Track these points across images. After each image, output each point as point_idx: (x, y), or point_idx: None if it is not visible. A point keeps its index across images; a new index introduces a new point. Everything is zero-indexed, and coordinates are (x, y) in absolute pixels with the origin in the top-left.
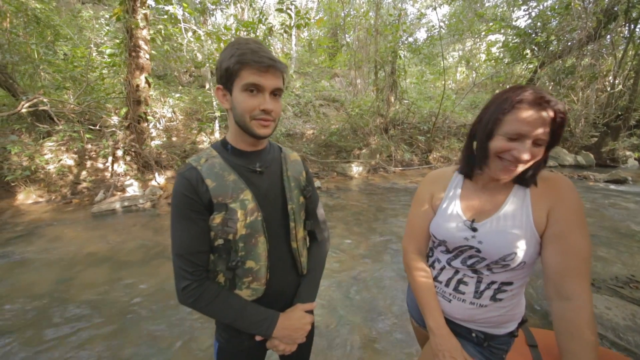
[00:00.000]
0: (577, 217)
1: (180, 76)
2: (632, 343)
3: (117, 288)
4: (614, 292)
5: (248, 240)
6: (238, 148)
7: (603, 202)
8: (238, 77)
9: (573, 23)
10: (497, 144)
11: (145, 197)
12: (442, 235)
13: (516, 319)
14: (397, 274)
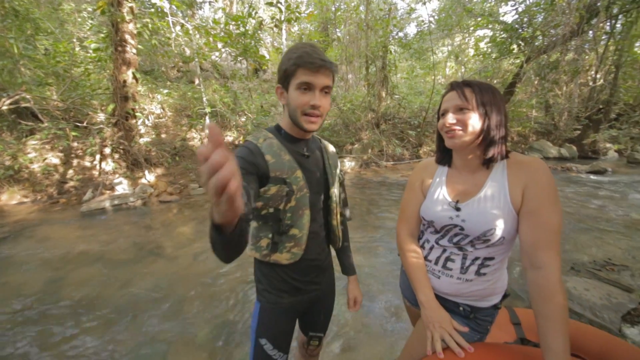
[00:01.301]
0: (548, 195)
1: (168, 71)
2: (607, 320)
3: (110, 287)
4: (592, 275)
5: (296, 212)
6: (291, 134)
7: (584, 191)
8: (294, 76)
9: (557, 19)
10: (439, 123)
11: (135, 195)
12: (430, 217)
13: (499, 292)
14: (390, 265)
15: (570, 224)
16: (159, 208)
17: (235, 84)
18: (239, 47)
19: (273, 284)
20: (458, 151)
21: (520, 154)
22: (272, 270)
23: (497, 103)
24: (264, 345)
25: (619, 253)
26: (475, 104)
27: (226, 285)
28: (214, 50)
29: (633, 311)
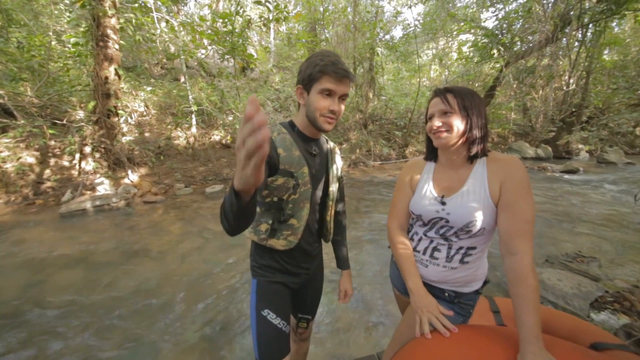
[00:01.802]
0: (523, 190)
1: (152, 68)
2: (577, 307)
3: (94, 289)
4: (564, 266)
5: (297, 204)
6: (303, 132)
7: (558, 189)
8: (318, 82)
9: (534, 26)
10: (427, 126)
11: (118, 196)
12: (418, 211)
13: (480, 278)
14: (378, 261)
15: (545, 220)
16: (143, 209)
17: (222, 82)
18: (226, 45)
19: (267, 263)
20: (444, 150)
21: (498, 152)
22: (267, 252)
23: (477, 106)
24: (267, 316)
25: (588, 246)
26: (457, 108)
27: (215, 285)
28: (200, 48)
29: (600, 299)
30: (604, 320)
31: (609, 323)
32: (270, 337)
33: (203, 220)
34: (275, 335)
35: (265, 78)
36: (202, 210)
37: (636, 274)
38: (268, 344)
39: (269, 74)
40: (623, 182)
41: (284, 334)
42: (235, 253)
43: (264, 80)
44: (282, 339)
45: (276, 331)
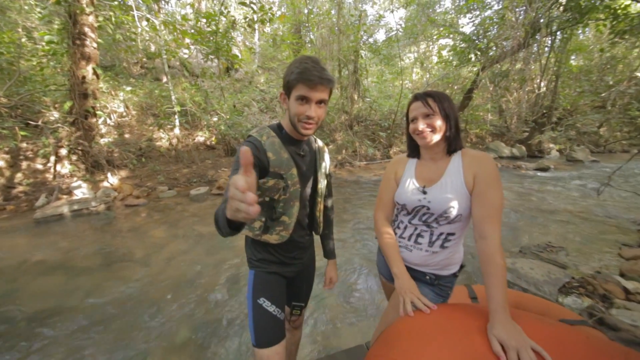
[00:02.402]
0: (493, 180)
1: (131, 67)
2: (547, 292)
3: (74, 296)
4: (536, 256)
5: (287, 202)
6: (290, 135)
7: (531, 186)
8: (294, 89)
9: (507, 32)
10: (410, 128)
11: (98, 200)
12: (403, 200)
13: (457, 262)
14: (364, 257)
15: (519, 214)
16: (124, 212)
17: (205, 82)
18: (210, 45)
19: (262, 256)
20: (426, 147)
21: (472, 149)
22: (262, 247)
23: (452, 107)
24: (262, 304)
25: (557, 237)
26: (438, 110)
27: (203, 287)
28: (182, 47)
29: (567, 284)
30: (570, 303)
31: (575, 306)
32: (265, 324)
33: (188, 222)
34: (271, 322)
35: (250, 79)
36: (187, 212)
37: (599, 261)
38: (264, 330)
39: (253, 75)
40: (588, 178)
41: (278, 320)
42: (223, 255)
43: (248, 81)
44: (277, 325)
45: (271, 318)
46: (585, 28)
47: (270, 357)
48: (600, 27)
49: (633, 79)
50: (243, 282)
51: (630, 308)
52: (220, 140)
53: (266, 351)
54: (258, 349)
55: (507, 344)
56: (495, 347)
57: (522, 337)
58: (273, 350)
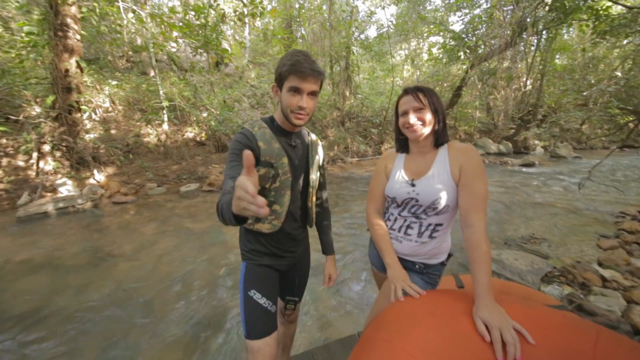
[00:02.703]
0: (477, 172)
1: (116, 61)
2: (530, 281)
3: (62, 295)
4: (520, 247)
5: (279, 191)
6: (282, 127)
7: (517, 181)
8: (286, 80)
9: (495, 31)
10: (400, 121)
11: (84, 197)
12: (393, 194)
13: (444, 251)
14: (357, 251)
15: (505, 207)
16: (112, 210)
17: (194, 77)
18: (199, 39)
19: (255, 247)
20: (415, 141)
21: (458, 142)
22: (255, 237)
23: (439, 102)
24: (253, 296)
25: (540, 229)
26: (428, 104)
27: (195, 283)
28: (170, 41)
29: (549, 274)
30: (552, 292)
31: (556, 293)
32: (256, 316)
33: (179, 219)
34: (261, 314)
35: (241, 74)
36: (177, 209)
37: (579, 251)
38: (254, 322)
39: (244, 70)
40: (571, 173)
41: (269, 312)
42: (215, 251)
43: (239, 76)
44: (268, 317)
45: (262, 310)
46: (570, 28)
47: (261, 348)
48: (583, 27)
49: (613, 78)
50: (236, 278)
51: (607, 294)
52: (210, 136)
53: (257, 342)
54: (249, 341)
55: (491, 324)
56: (480, 328)
57: (504, 317)
58: (264, 342)
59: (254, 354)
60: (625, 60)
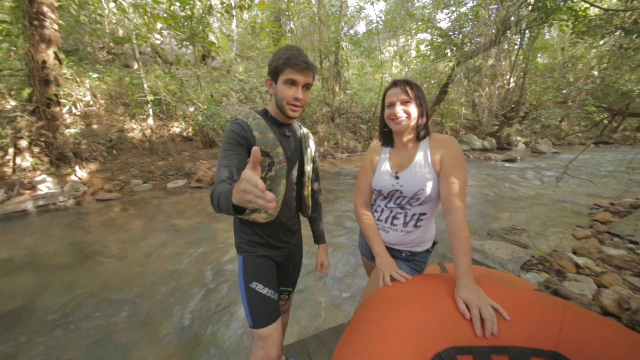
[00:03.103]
0: (457, 161)
1: (96, 52)
2: (511, 269)
3: (46, 294)
4: (501, 238)
5: (274, 180)
6: (276, 118)
7: (500, 175)
8: (282, 73)
9: (480, 29)
10: (385, 113)
11: (66, 194)
12: (378, 186)
13: (429, 239)
14: (347, 244)
15: (488, 201)
16: (96, 207)
17: (180, 70)
18: (185, 31)
19: (251, 238)
20: (399, 133)
21: (438, 134)
22: (250, 227)
23: (424, 97)
24: (255, 288)
25: (520, 220)
26: (414, 98)
27: (185, 278)
28: (154, 32)
29: (528, 262)
30: (530, 278)
31: (534, 280)
32: (261, 305)
33: (167, 216)
34: (265, 303)
35: (228, 68)
36: (164, 206)
37: (556, 241)
38: (260, 312)
39: (231, 64)
40: (550, 168)
41: (272, 301)
42: (205, 247)
43: (226, 70)
44: (272, 306)
45: (265, 299)
46: (551, 27)
47: (269, 334)
48: (563, 27)
49: (590, 77)
50: (227, 272)
51: (580, 280)
52: (197, 132)
53: (265, 330)
54: (257, 330)
55: (471, 303)
56: (460, 306)
57: (483, 297)
58: (272, 328)
59: (264, 340)
60: (601, 59)
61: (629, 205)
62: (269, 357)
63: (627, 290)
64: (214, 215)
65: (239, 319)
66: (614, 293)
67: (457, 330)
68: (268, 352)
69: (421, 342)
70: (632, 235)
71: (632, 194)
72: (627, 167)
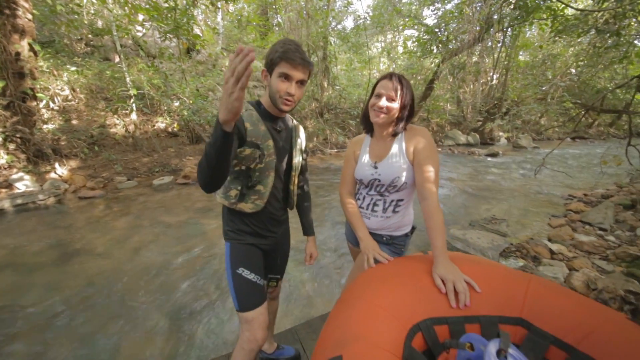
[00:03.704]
0: (429, 151)
1: (74, 44)
2: (490, 256)
3: (29, 293)
4: (482, 228)
5: (263, 172)
6: (268, 111)
7: (482, 169)
8: (277, 66)
9: (465, 26)
10: (371, 100)
11: (46, 193)
12: (360, 176)
13: (407, 224)
14: (334, 238)
15: (471, 194)
16: (79, 205)
17: (164, 64)
18: (168, 23)
19: (238, 227)
20: (377, 125)
21: (414, 125)
22: (237, 216)
23: (412, 96)
24: (242, 273)
25: (501, 211)
26: (400, 98)
27: (175, 274)
28: (135, 24)
29: (506, 249)
30: (508, 264)
31: (512, 266)
32: (246, 290)
33: (154, 213)
34: (251, 288)
35: (214, 61)
36: (150, 203)
37: (533, 230)
38: (246, 296)
39: (217, 57)
40: (529, 162)
41: (258, 286)
42: (194, 242)
43: (212, 63)
44: (258, 290)
45: (251, 284)
46: (532, 26)
47: (255, 317)
48: (543, 26)
49: (567, 75)
50: (217, 266)
51: (553, 264)
52: (183, 127)
53: (251, 313)
54: (243, 313)
55: (446, 278)
56: (437, 281)
57: (457, 272)
58: (257, 312)
59: (250, 323)
60: (578, 58)
61: (600, 196)
62: (255, 339)
63: (595, 272)
64: (203, 211)
65: (230, 308)
66: (583, 275)
67: (434, 303)
68: (254, 333)
69: (402, 314)
70: (601, 223)
71: (604, 185)
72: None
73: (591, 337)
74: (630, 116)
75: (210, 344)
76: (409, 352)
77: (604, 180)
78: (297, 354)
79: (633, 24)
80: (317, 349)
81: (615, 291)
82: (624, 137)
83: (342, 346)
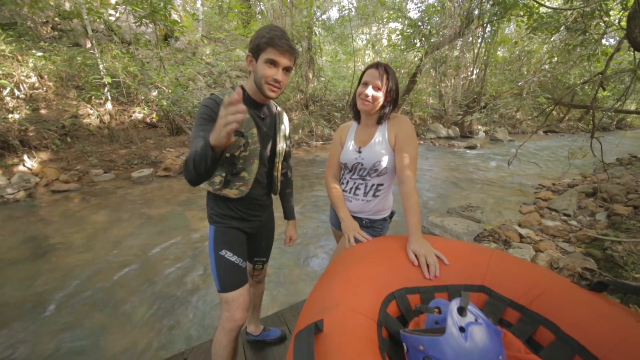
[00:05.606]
0: (409, 138)
1: (39, 28)
2: (465, 240)
3: (5, 289)
4: (459, 215)
5: (247, 159)
6: (253, 98)
7: (461, 161)
8: (264, 52)
9: (446, 21)
10: (359, 89)
11: (14, 187)
12: (345, 160)
13: (387, 208)
14: (320, 227)
15: (450, 183)
16: (52, 199)
17: (140, 51)
18: (144, 7)
19: (223, 211)
20: (363, 112)
21: (396, 113)
22: (222, 201)
23: (397, 87)
24: (224, 255)
25: (476, 200)
26: (385, 88)
27: (160, 264)
28: (108, 7)
29: (480, 234)
30: None
31: None
32: (228, 271)
33: (134, 206)
34: (233, 269)
35: (194, 49)
36: (130, 196)
37: (504, 217)
38: (227, 276)
39: (197, 45)
40: (505, 154)
41: (240, 268)
42: (178, 233)
43: (192, 52)
44: (239, 272)
45: (233, 266)
46: (509, 22)
47: (235, 298)
48: (520, 23)
49: (541, 70)
50: (201, 255)
51: (522, 247)
52: (162, 118)
53: (232, 294)
54: (224, 293)
55: (418, 252)
56: (410, 256)
57: (428, 247)
58: (238, 293)
59: (229, 303)
60: (551, 54)
61: (567, 185)
62: (233, 319)
63: (558, 253)
64: (187, 203)
65: (214, 293)
66: (547, 256)
67: (407, 274)
68: (233, 314)
69: (378, 284)
70: (566, 209)
71: (571, 175)
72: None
73: (540, 298)
74: (594, 111)
75: (194, 331)
76: (384, 317)
77: (571, 171)
78: (283, 335)
79: (600, 24)
80: (301, 316)
81: (574, 268)
82: (588, 131)
83: (323, 311)
